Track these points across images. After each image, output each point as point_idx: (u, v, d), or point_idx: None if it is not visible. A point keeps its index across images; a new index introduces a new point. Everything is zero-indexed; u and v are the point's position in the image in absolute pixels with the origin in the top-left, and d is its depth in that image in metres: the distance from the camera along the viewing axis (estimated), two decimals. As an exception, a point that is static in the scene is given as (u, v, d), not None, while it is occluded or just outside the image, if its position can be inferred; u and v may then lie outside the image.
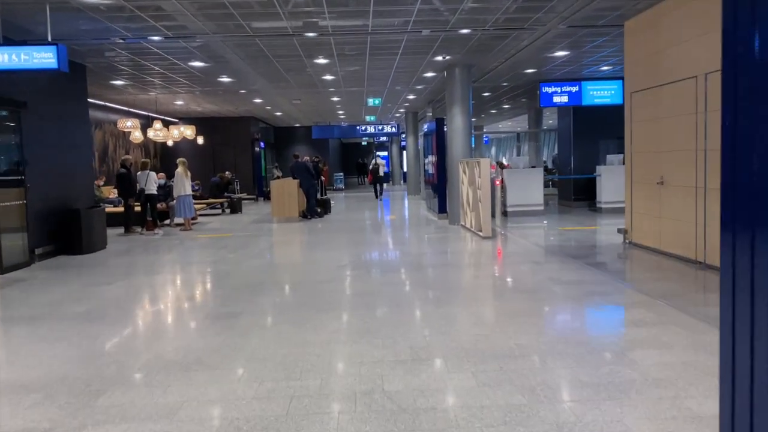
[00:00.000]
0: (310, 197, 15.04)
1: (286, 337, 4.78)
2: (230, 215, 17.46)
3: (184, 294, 6.74)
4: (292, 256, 9.54)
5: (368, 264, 8.24)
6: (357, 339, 4.65)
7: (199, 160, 23.59)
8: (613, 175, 13.97)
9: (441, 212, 13.86)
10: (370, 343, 4.52)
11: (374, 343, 4.54)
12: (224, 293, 6.65)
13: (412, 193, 23.53)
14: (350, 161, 42.18)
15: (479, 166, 10.39)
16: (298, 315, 5.44)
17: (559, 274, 6.98)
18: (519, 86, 16.56)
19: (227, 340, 4.75)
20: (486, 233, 10.28)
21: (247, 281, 7.25)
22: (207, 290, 6.94)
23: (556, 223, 12.50)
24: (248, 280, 7.31)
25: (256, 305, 5.90)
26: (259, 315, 5.52)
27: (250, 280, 7.29)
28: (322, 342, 4.60)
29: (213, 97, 17.30)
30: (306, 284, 6.88)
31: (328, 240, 10.98)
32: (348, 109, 22.07)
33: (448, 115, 12.74)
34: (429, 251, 9.30)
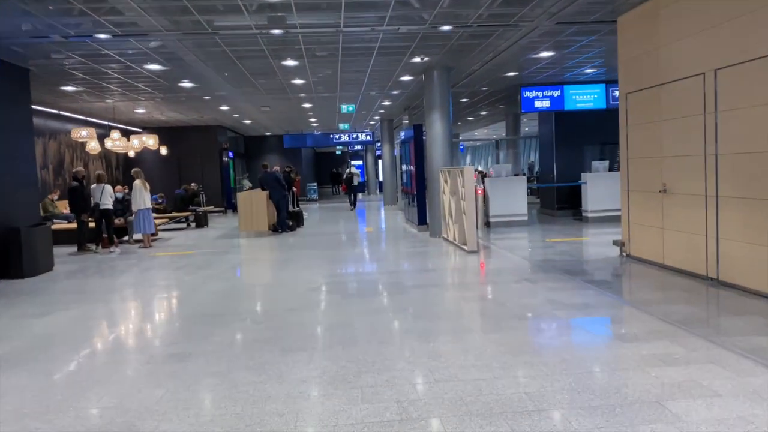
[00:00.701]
0: (280, 209, 14.10)
1: (242, 389, 3.88)
2: (196, 229, 16.40)
3: (128, 329, 5.77)
4: (258, 278, 8.60)
5: (344, 286, 7.36)
6: (330, 391, 3.77)
7: (164, 171, 22.46)
8: (599, 182, 13.36)
9: (421, 224, 13.06)
10: (346, 396, 3.65)
11: (352, 396, 3.66)
12: (175, 327, 5.70)
13: (389, 203, 22.71)
14: (324, 171, 41.25)
15: (462, 175, 9.62)
16: (260, 357, 4.53)
17: (558, 296, 6.20)
18: (498, 91, 15.91)
19: (169, 394, 3.83)
20: (471, 247, 9.49)
21: (204, 311, 6.31)
22: (155, 323, 5.98)
23: (543, 235, 11.79)
24: (205, 309, 6.36)
25: (210, 343, 4.97)
26: (212, 357, 4.60)
27: (208, 310, 6.35)
28: (286, 396, 3.71)
29: (176, 104, 16.27)
30: (272, 314, 5.97)
31: (300, 257, 10.08)
32: (321, 116, 21.21)
33: (426, 121, 11.97)
34: (410, 269, 8.47)
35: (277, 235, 13.80)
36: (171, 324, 5.87)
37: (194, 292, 7.46)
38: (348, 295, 6.75)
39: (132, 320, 6.11)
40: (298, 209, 16.12)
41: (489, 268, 8.16)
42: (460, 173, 9.83)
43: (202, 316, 6.03)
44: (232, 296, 7.04)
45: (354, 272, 8.39)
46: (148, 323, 5.97)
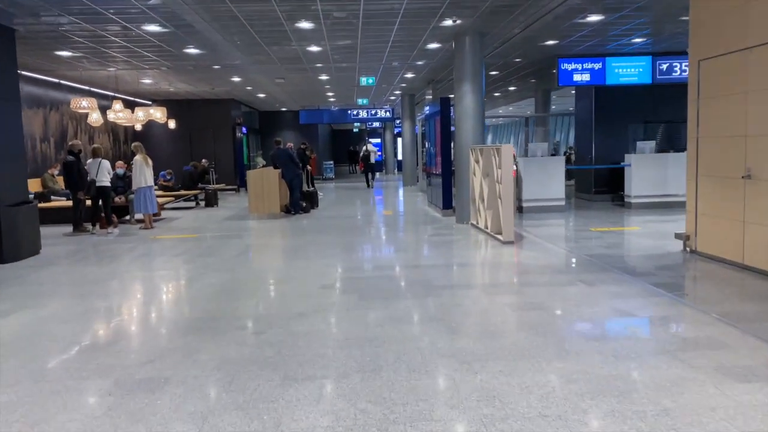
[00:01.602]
0: (293, 189, 13.02)
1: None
2: (204, 209, 15.41)
3: (99, 338, 4.74)
4: (264, 269, 7.53)
5: (361, 283, 6.27)
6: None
7: (175, 146, 21.49)
8: (644, 165, 12.06)
9: (446, 208, 11.90)
10: (369, 467, 2.57)
11: (377, 466, 2.58)
12: (156, 337, 4.66)
13: (408, 184, 21.53)
14: (341, 149, 40.05)
15: (498, 154, 8.42)
16: (255, 389, 3.47)
17: (626, 304, 5.05)
18: (533, 63, 14.56)
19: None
20: (507, 237, 8.33)
21: (196, 313, 5.27)
22: (134, 331, 4.94)
23: (584, 223, 10.57)
24: (197, 312, 5.32)
25: (194, 364, 3.92)
26: (193, 386, 3.54)
27: (200, 312, 5.30)
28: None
29: (184, 74, 15.17)
30: (275, 321, 4.90)
31: (312, 244, 9.00)
32: (338, 90, 19.99)
33: (456, 94, 10.74)
34: (438, 262, 7.34)
35: (289, 217, 12.75)
36: (152, 332, 4.82)
37: (189, 286, 6.43)
38: (366, 295, 5.65)
39: (107, 325, 5.08)
40: (312, 189, 15.03)
41: (531, 263, 7.01)
42: (495, 152, 8.63)
43: (192, 321, 4.99)
44: (231, 293, 5.99)
45: (372, 265, 7.29)
46: (125, 330, 4.93)
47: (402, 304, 5.31)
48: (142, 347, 4.36)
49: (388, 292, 5.77)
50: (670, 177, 12.02)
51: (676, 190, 12.03)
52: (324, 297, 5.66)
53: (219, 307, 5.43)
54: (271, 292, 6.04)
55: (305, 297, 5.68)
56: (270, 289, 6.15)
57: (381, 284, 6.13)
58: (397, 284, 6.11)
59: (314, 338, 4.38)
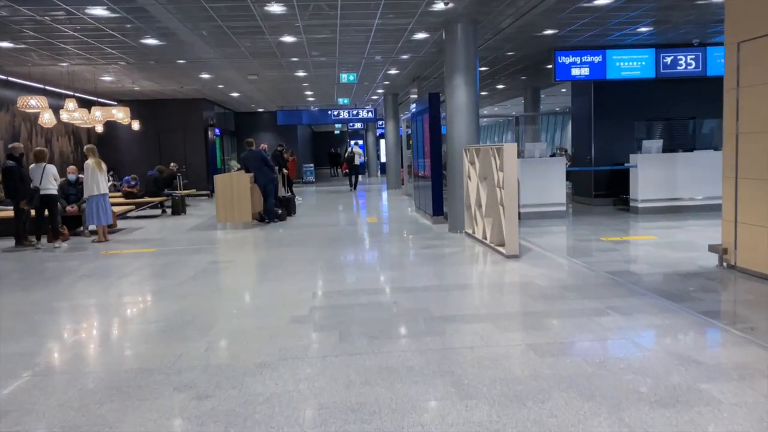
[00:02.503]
0: (267, 195, 11.79)
1: None
2: (171, 217, 14.10)
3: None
4: (223, 297, 6.29)
5: (342, 313, 5.09)
6: None
7: (143, 149, 20.12)
8: (652, 166, 11.05)
9: (436, 214, 10.77)
10: None
11: None
12: (59, 408, 3.43)
13: (392, 187, 20.40)
14: (322, 151, 38.81)
15: (500, 155, 7.30)
16: None
17: (681, 345, 3.95)
18: (527, 57, 13.51)
19: None
20: (511, 250, 7.21)
21: (124, 366, 4.05)
22: (32, 397, 3.70)
23: (591, 230, 9.51)
24: (126, 364, 4.10)
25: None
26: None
27: (130, 365, 4.08)
28: None
29: (147, 70, 13.87)
30: (226, 377, 3.70)
31: (285, 260, 7.81)
32: (317, 89, 18.79)
33: (447, 89, 9.62)
34: (434, 283, 6.19)
35: (263, 225, 11.52)
36: (59, 397, 3.59)
37: (128, 321, 5.20)
38: (349, 333, 4.48)
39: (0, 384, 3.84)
40: (289, 194, 13.80)
41: (545, 283, 5.89)
42: (495, 153, 7.51)
43: (118, 377, 3.77)
44: (178, 332, 4.77)
45: (356, 287, 6.11)
46: (22, 394, 3.69)
47: (395, 346, 4.15)
48: (38, 423, 3.14)
49: (377, 327, 4.60)
50: (679, 179, 11.03)
51: (686, 193, 11.06)
52: (294, 336, 4.47)
53: (158, 353, 4.21)
54: (228, 329, 4.83)
55: (271, 336, 4.48)
56: (227, 325, 4.94)
57: (367, 316, 4.96)
58: (387, 315, 4.94)
59: (276, 407, 3.19)
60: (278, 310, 5.25)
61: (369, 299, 5.53)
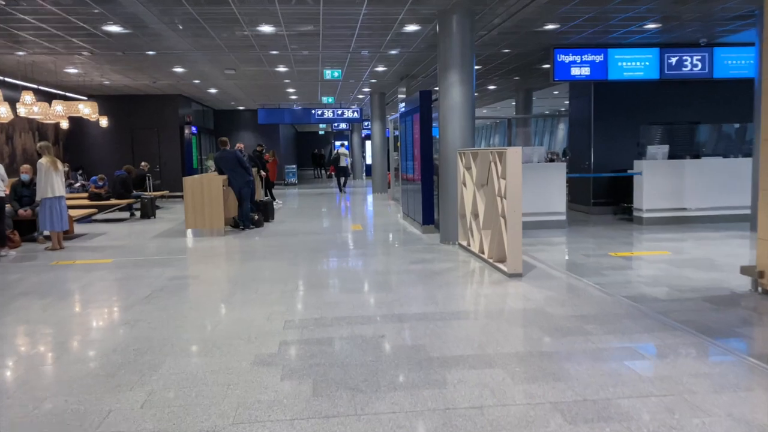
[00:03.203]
0: (243, 200, 10.83)
1: None
2: (139, 221, 13.08)
3: None
4: (175, 326, 5.29)
5: (319, 353, 4.18)
6: None
7: (114, 148, 19.03)
8: (658, 173, 10.28)
9: (426, 223, 9.90)
10: None
11: None
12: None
13: (378, 191, 19.51)
14: (306, 152, 37.79)
15: (501, 160, 6.45)
16: None
17: (747, 404, 3.11)
18: (523, 55, 12.71)
19: None
20: (513, 268, 6.36)
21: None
22: None
23: (596, 244, 8.71)
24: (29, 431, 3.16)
25: None
26: None
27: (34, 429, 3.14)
28: None
29: (114, 62, 12.84)
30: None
31: (256, 278, 6.88)
32: (300, 86, 17.85)
33: (440, 86, 8.76)
34: (430, 311, 5.31)
35: (237, 233, 10.56)
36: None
37: (54, 357, 4.24)
38: (326, 384, 3.58)
39: None
40: (267, 198, 12.82)
41: (557, 312, 5.03)
42: (496, 157, 6.66)
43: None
44: (113, 375, 3.82)
45: (336, 314, 5.21)
46: None
47: (384, 404, 3.25)
48: None
49: (360, 374, 3.70)
50: (686, 188, 10.28)
51: (694, 203, 10.31)
52: (257, 386, 3.55)
53: (80, 410, 3.27)
54: (176, 373, 3.90)
55: (227, 386, 3.56)
56: (176, 367, 4.01)
57: (349, 356, 4.06)
58: (374, 356, 4.05)
59: None
60: (241, 345, 4.33)
61: (351, 331, 4.63)
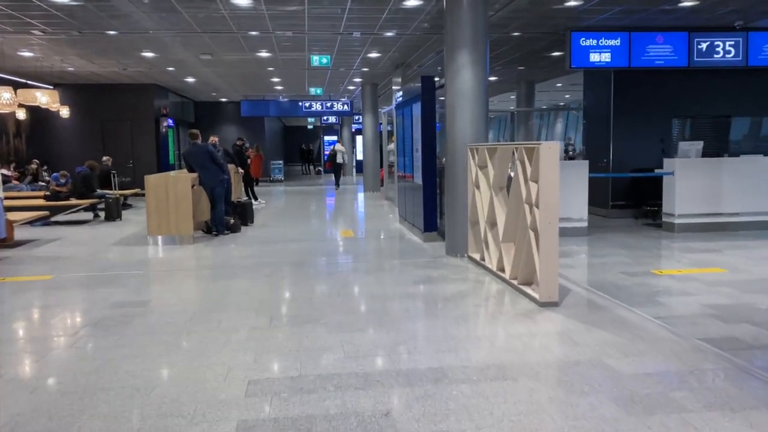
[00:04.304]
0: (216, 201, 9.40)
1: None
2: (103, 224, 11.62)
3: None
4: (98, 386, 3.91)
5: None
6: None
7: (82, 142, 17.49)
8: (692, 173, 8.99)
9: (428, 230, 8.55)
10: None
11: None
12: None
13: (370, 189, 18.12)
14: (294, 147, 36.23)
15: (532, 158, 5.11)
16: None
17: None
18: (533, 40, 11.37)
19: None
20: (547, 295, 5.02)
21: None
22: None
23: (631, 257, 7.38)
24: None
25: None
26: None
27: None
28: None
29: (74, 45, 11.35)
30: None
31: (221, 303, 5.50)
32: (286, 75, 16.41)
33: (447, 70, 7.38)
34: (446, 363, 3.94)
35: (209, 239, 9.15)
36: None
37: None
38: None
39: None
40: (245, 199, 11.38)
41: (626, 367, 3.70)
42: (525, 156, 5.30)
43: None
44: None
45: (320, 370, 3.84)
46: None
47: None
48: None
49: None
50: (724, 190, 9.01)
51: (733, 207, 9.04)
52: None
53: None
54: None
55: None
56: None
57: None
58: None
59: None
60: (180, 428, 2.95)
61: (342, 403, 3.25)
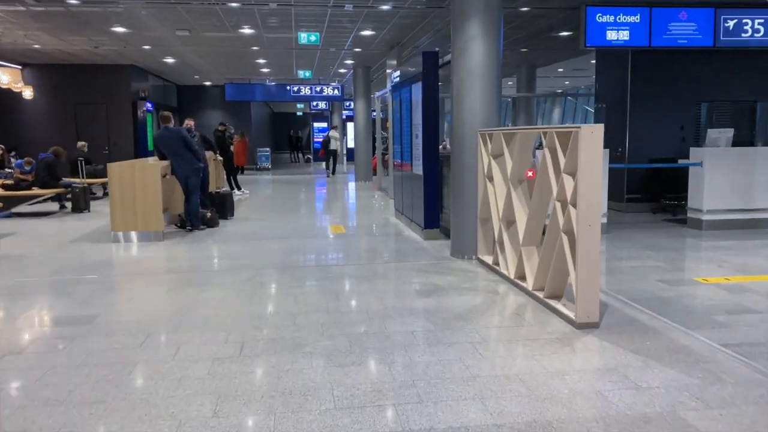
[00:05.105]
0: (190, 193, 8.37)
1: None
2: (69, 216, 10.56)
3: None
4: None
5: None
6: None
7: (54, 126, 16.30)
8: (722, 164, 8.06)
9: (429, 227, 7.58)
10: None
11: None
12: None
13: (362, 179, 17.11)
14: (283, 134, 35.04)
15: (568, 144, 4.14)
16: None
17: None
18: (542, 16, 10.37)
19: None
20: (586, 315, 4.07)
21: None
22: None
23: (664, 260, 6.44)
24: None
25: None
26: None
27: None
28: None
29: (39, 19, 10.21)
30: None
31: (183, 320, 4.51)
32: (272, 56, 15.31)
33: (455, 43, 6.38)
34: (473, 419, 2.99)
35: (181, 236, 8.13)
36: None
37: None
38: None
39: None
40: (225, 190, 10.33)
41: (713, 426, 2.76)
42: (556, 141, 4.33)
43: None
44: None
45: (298, 419, 2.88)
46: None
47: None
48: None
49: None
50: (758, 183, 8.11)
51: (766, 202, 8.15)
52: None
53: None
54: None
55: None
56: None
57: None
58: None
59: None
60: None
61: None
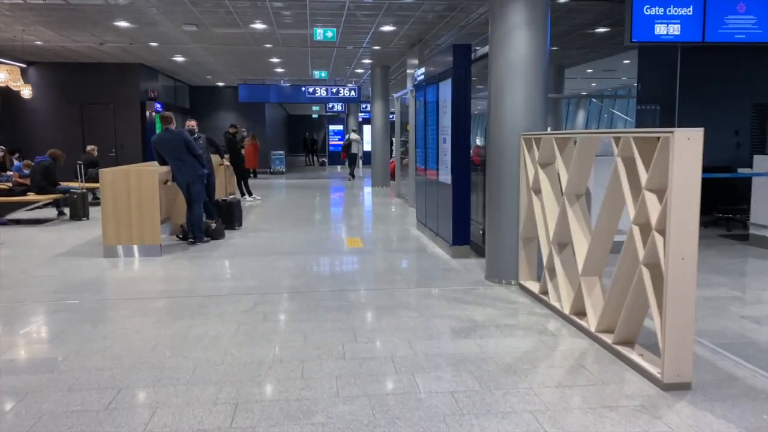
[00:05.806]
0: (193, 201, 7.57)
1: None
2: (66, 224, 9.84)
3: None
4: None
5: None
6: None
7: (61, 126, 15.68)
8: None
9: (458, 243, 6.70)
10: None
11: None
12: None
13: (379, 184, 16.26)
14: (298, 137, 34.32)
15: (653, 153, 3.26)
16: None
17: None
18: (580, 10, 9.45)
19: None
20: (676, 374, 3.18)
21: None
22: None
23: (739, 289, 5.52)
24: None
25: None
26: None
27: None
28: None
29: (39, 12, 9.51)
30: None
31: (165, 368, 3.70)
32: (287, 56, 14.53)
33: (494, 34, 5.51)
34: None
35: (182, 250, 7.32)
36: None
37: None
38: None
39: None
40: (232, 198, 9.51)
41: None
42: (633, 148, 3.44)
43: None
44: None
45: None
46: None
47: None
48: None
49: None
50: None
51: (843, 218, 7.17)
52: None
53: None
54: None
55: None
56: None
57: None
58: None
59: None
60: None
61: None
